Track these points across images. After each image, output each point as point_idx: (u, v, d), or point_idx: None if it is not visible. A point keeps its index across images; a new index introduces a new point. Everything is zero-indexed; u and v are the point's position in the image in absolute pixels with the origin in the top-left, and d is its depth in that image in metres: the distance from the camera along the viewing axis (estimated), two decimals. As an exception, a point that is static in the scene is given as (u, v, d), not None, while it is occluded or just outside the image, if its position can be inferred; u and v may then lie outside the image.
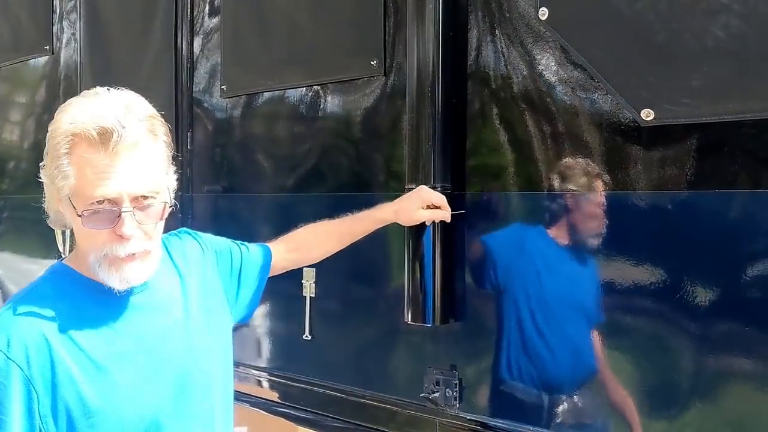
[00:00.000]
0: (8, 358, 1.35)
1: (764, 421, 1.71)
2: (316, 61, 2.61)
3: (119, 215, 1.39)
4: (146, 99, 1.49)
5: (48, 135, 1.44)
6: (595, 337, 1.97)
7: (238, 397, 2.92)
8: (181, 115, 3.07)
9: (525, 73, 2.08)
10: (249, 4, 2.88)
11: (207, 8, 3.06)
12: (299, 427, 2.82)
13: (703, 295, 1.77)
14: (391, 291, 2.40)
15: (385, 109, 2.43)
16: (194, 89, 3.10)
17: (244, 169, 2.93)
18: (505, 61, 2.12)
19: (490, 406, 2.17)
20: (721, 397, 1.77)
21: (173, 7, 3.14)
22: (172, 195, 1.51)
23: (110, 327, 1.46)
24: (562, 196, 2.01)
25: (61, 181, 1.40)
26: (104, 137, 1.36)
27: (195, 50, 3.10)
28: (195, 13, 3.10)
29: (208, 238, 1.83)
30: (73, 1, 3.75)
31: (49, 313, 1.41)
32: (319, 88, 2.62)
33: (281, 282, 2.71)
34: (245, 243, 1.96)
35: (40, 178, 1.47)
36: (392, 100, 2.40)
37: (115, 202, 1.39)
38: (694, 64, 1.74)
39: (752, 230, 1.72)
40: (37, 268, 3.97)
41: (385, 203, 2.17)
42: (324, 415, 2.60)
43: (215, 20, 3.03)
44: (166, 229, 1.60)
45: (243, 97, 2.91)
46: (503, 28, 2.12)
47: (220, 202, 3.00)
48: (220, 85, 2.97)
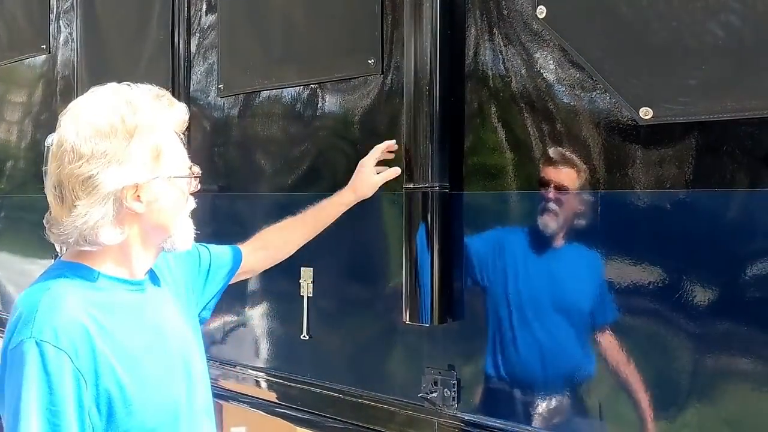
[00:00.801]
0: (59, 348, 1.36)
1: (764, 421, 1.71)
2: (314, 60, 2.60)
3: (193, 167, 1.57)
4: None
5: (109, 136, 1.43)
6: (594, 337, 1.96)
7: (237, 397, 2.94)
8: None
9: (523, 72, 2.07)
10: (246, 3, 2.87)
11: (204, 7, 3.05)
12: (297, 428, 2.81)
13: (703, 295, 1.76)
14: (388, 290, 2.39)
15: (383, 108, 2.42)
16: (191, 88, 3.09)
17: (241, 169, 2.92)
18: (503, 60, 2.11)
19: (489, 406, 2.16)
20: (721, 396, 1.76)
21: (170, 6, 3.13)
22: None
23: (135, 319, 1.51)
24: (560, 195, 2.00)
25: (161, 166, 1.48)
26: (183, 117, 1.55)
27: (192, 49, 3.09)
28: (192, 12, 3.09)
29: None
30: (70, 0, 3.74)
31: (84, 305, 1.43)
32: (317, 87, 2.61)
33: (279, 282, 2.70)
34: (211, 245, 1.99)
35: (106, 189, 1.43)
36: (390, 99, 2.39)
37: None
38: (693, 63, 1.73)
39: (751, 229, 1.71)
40: (35, 267, 3.96)
41: (342, 191, 2.25)
42: (322, 416, 2.60)
43: (212, 19, 3.02)
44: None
45: (240, 96, 2.90)
46: (501, 27, 2.11)
47: (217, 202, 2.99)
48: (217, 84, 2.97)
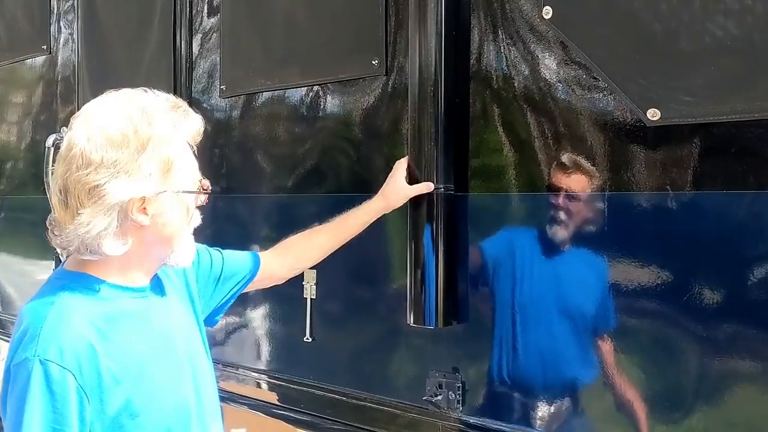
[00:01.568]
0: (63, 367, 1.34)
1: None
2: (317, 61, 2.59)
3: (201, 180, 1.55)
4: None
5: (119, 147, 1.40)
6: (600, 340, 1.95)
7: (238, 399, 2.92)
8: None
9: (528, 73, 2.06)
10: (248, 3, 2.86)
11: (206, 8, 3.04)
12: (299, 430, 2.80)
13: (711, 297, 1.75)
14: (392, 292, 2.38)
15: (387, 109, 2.41)
16: (193, 89, 3.08)
17: (244, 170, 2.91)
18: (508, 61, 2.10)
19: (494, 410, 2.15)
20: (728, 400, 1.75)
21: (172, 7, 3.12)
22: None
23: (140, 327, 1.49)
24: (565, 197, 1.99)
25: (170, 179, 1.45)
26: (199, 128, 1.54)
27: (194, 50, 3.08)
28: (194, 13, 3.08)
29: None
30: (70, 1, 3.73)
31: (90, 318, 1.41)
32: (320, 88, 2.60)
33: (282, 284, 2.69)
34: (231, 253, 1.95)
35: (114, 200, 1.40)
36: (394, 100, 2.38)
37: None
38: (701, 64, 1.72)
39: (759, 231, 1.70)
40: (35, 269, 3.95)
41: (372, 200, 2.18)
42: (325, 418, 2.59)
43: (214, 19, 3.01)
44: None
45: (242, 97, 2.89)
46: (506, 27, 2.10)
47: (219, 203, 2.98)
48: (220, 85, 2.95)
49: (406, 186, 2.15)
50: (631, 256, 1.88)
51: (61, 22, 3.80)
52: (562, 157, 2.00)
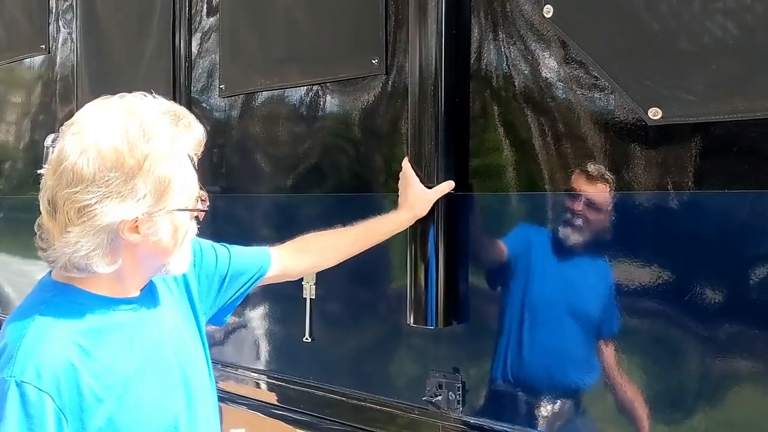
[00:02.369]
0: (40, 390, 1.30)
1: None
2: (316, 60, 2.58)
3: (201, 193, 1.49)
4: None
5: (114, 168, 1.33)
6: (600, 340, 1.95)
7: (237, 399, 2.92)
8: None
9: (529, 72, 2.05)
10: (247, 2, 2.85)
11: (205, 7, 3.03)
12: (299, 430, 2.79)
13: (712, 297, 1.74)
14: (392, 292, 2.37)
15: (387, 108, 2.40)
16: (192, 89, 3.07)
17: (243, 169, 2.90)
18: (508, 60, 2.10)
19: (494, 410, 2.15)
20: (731, 400, 1.75)
21: (171, 6, 3.11)
22: None
23: (126, 341, 1.44)
24: (566, 196, 1.99)
25: (166, 200, 1.38)
26: (200, 139, 1.48)
27: (193, 49, 3.07)
28: (193, 12, 3.07)
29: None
30: (69, 0, 3.72)
31: (71, 335, 1.36)
32: (319, 88, 2.60)
33: (281, 284, 2.68)
34: (240, 250, 1.89)
35: (104, 222, 1.34)
36: (394, 100, 2.37)
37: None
38: (703, 63, 1.72)
39: (761, 230, 1.70)
40: (33, 269, 3.94)
41: (395, 211, 2.13)
42: (324, 419, 2.58)
43: (213, 19, 3.00)
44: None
45: (242, 96, 2.88)
46: (506, 26, 2.10)
47: (219, 203, 2.97)
48: (219, 85, 2.95)
49: (428, 191, 2.09)
50: (633, 256, 1.87)
51: (60, 22, 3.79)
52: (563, 157, 1.99)
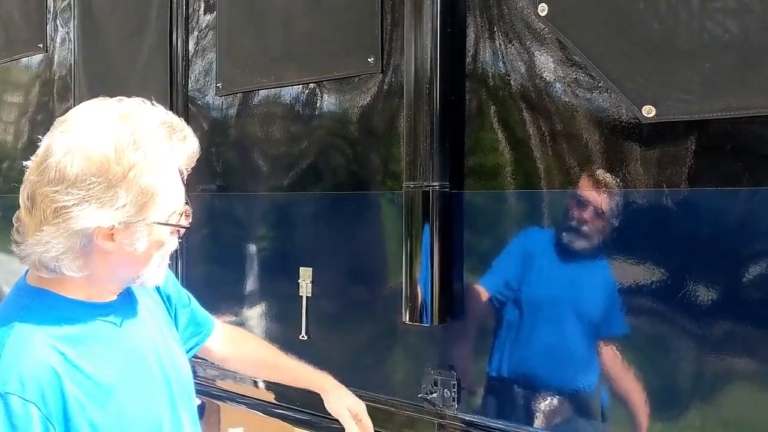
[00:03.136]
0: (25, 400, 1.27)
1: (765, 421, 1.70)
2: (313, 59, 2.59)
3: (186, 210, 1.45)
4: (141, 97, 1.45)
5: (97, 174, 1.30)
6: (595, 336, 1.95)
7: (235, 398, 2.92)
8: (176, 113, 3.03)
9: (524, 71, 2.06)
10: (244, 1, 2.85)
11: (202, 5, 3.03)
12: (296, 428, 2.79)
13: (706, 295, 1.75)
14: (388, 290, 2.37)
15: (383, 106, 2.40)
16: (189, 87, 3.07)
17: (240, 168, 2.90)
18: (503, 58, 2.10)
19: (489, 407, 2.15)
20: (726, 398, 1.75)
21: (168, 5, 3.11)
22: None
23: (108, 346, 1.42)
24: (561, 194, 1.99)
25: (147, 212, 1.35)
26: (193, 155, 1.43)
27: (190, 48, 3.08)
28: (190, 11, 3.08)
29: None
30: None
31: (51, 342, 1.34)
32: (316, 86, 2.60)
33: (277, 281, 2.69)
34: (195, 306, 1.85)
35: (78, 226, 1.31)
36: (390, 98, 2.37)
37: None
38: (696, 60, 1.72)
39: (754, 229, 1.70)
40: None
41: (324, 377, 2.06)
42: (321, 417, 2.57)
43: (210, 17, 3.00)
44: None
45: (238, 95, 2.88)
46: (501, 25, 2.10)
47: (216, 202, 2.98)
48: (216, 83, 2.95)
49: (343, 410, 1.98)
50: (628, 254, 1.87)
51: (58, 21, 3.79)
52: (559, 155, 1.99)
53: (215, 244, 2.99)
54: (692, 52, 1.73)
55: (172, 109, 3.05)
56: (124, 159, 1.31)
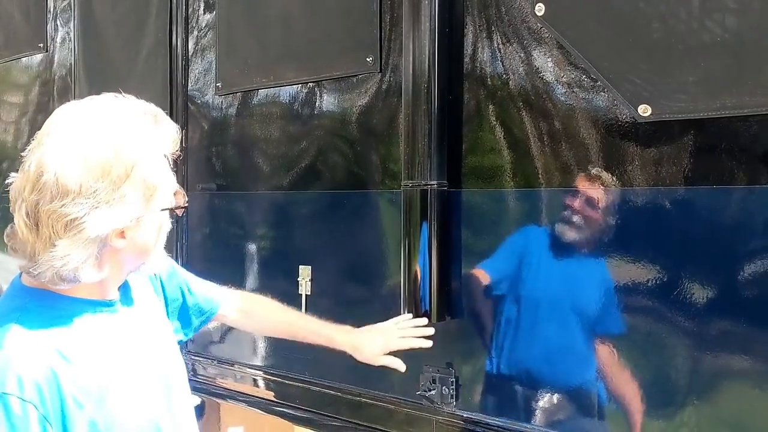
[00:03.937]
0: (23, 400, 1.27)
1: (763, 419, 1.71)
2: (312, 58, 2.60)
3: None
4: (141, 97, 1.45)
5: (99, 179, 1.29)
6: (593, 335, 1.96)
7: (235, 396, 2.93)
8: (176, 112, 3.06)
9: (522, 70, 2.07)
10: (244, 1, 2.87)
11: (202, 5, 3.04)
12: (295, 426, 2.81)
13: (703, 293, 1.76)
14: (387, 288, 2.39)
15: (381, 106, 2.42)
16: (189, 87, 3.08)
17: (240, 167, 2.91)
18: (501, 58, 2.11)
19: (487, 404, 2.16)
20: (723, 396, 1.77)
21: (168, 5, 3.12)
22: None
23: (103, 343, 1.42)
24: (558, 193, 2.00)
25: (150, 204, 1.36)
26: (177, 138, 1.42)
27: (190, 48, 3.09)
28: (189, 11, 3.09)
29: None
30: (67, -1, 3.74)
31: (49, 342, 1.34)
32: (315, 85, 2.61)
33: (277, 280, 2.70)
34: (198, 285, 1.86)
35: (90, 235, 1.31)
36: (388, 97, 2.39)
37: None
38: (692, 60, 1.74)
39: (750, 226, 1.71)
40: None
41: (346, 329, 2.06)
42: (320, 414, 2.59)
43: (210, 17, 3.01)
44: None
45: (238, 94, 2.89)
46: (499, 25, 2.11)
47: (215, 201, 2.99)
48: (215, 83, 2.96)
49: (378, 355, 2.02)
50: (626, 252, 1.88)
51: (58, 20, 3.80)
52: (556, 154, 2.01)
53: (215, 243, 3.00)
54: (688, 52, 1.74)
55: (172, 108, 3.07)
56: (124, 158, 1.31)
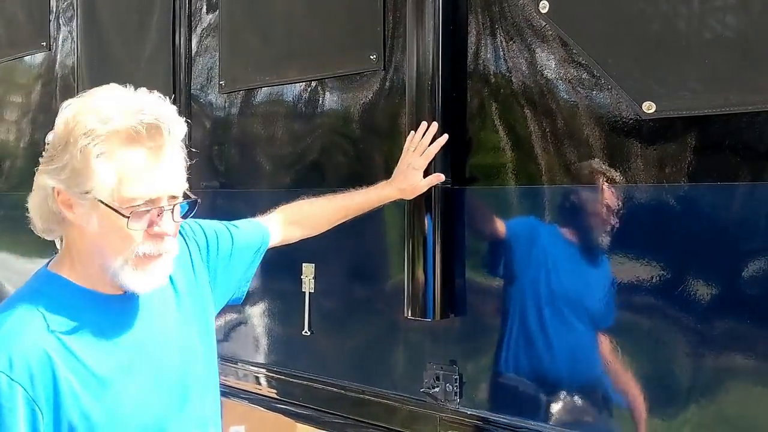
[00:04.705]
0: (11, 379, 1.29)
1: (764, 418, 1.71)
2: (315, 56, 2.60)
3: (159, 213, 1.37)
4: None
5: (62, 136, 1.35)
6: (596, 332, 1.97)
7: (237, 393, 2.93)
8: (179, 111, 3.05)
9: (525, 68, 2.07)
10: None
11: (205, 3, 3.05)
12: (298, 424, 2.81)
13: (707, 291, 1.76)
14: (390, 286, 2.39)
15: (385, 103, 2.42)
16: (192, 85, 3.08)
17: (243, 165, 2.92)
18: (505, 55, 2.11)
19: (491, 401, 2.17)
20: (729, 394, 1.76)
21: (171, 3, 3.12)
22: None
23: (111, 337, 1.42)
24: (562, 190, 2.01)
25: (92, 184, 1.33)
26: (151, 133, 1.34)
27: (193, 46, 3.09)
28: (193, 9, 3.09)
29: (192, 228, 1.73)
30: (69, -3, 3.74)
31: (49, 326, 1.35)
32: (318, 83, 2.61)
33: (280, 277, 2.70)
34: (238, 224, 1.89)
35: (41, 180, 1.38)
36: (392, 95, 2.39)
37: (154, 201, 1.37)
38: (696, 56, 1.74)
39: (753, 223, 1.72)
40: (34, 267, 3.95)
41: (382, 184, 2.19)
42: (323, 411, 2.60)
43: (213, 15, 3.02)
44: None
45: (241, 92, 2.90)
46: (503, 22, 2.11)
47: (218, 199, 2.99)
48: (219, 81, 2.96)
49: (422, 181, 2.14)
50: (629, 249, 1.89)
51: (61, 19, 3.81)
52: (560, 151, 2.01)
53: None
54: (692, 49, 1.75)
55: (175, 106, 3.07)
56: (78, 122, 1.34)
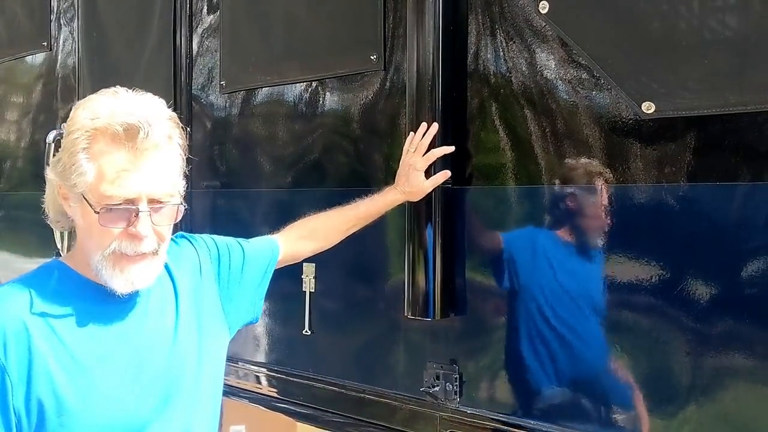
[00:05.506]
0: None
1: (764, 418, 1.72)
2: (316, 56, 2.61)
3: (136, 214, 1.39)
4: None
5: (64, 131, 1.43)
6: (596, 331, 1.97)
7: (237, 393, 2.94)
8: (180, 111, 3.07)
9: (525, 68, 2.08)
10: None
11: (206, 4, 3.05)
12: (299, 423, 2.82)
13: (707, 291, 1.76)
14: (391, 286, 2.39)
15: (385, 104, 2.42)
16: (193, 85, 3.09)
17: (243, 165, 2.92)
18: (505, 56, 2.12)
19: (491, 401, 2.17)
20: (731, 393, 1.76)
21: (172, 4, 3.13)
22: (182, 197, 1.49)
23: (99, 327, 1.43)
24: (562, 190, 2.01)
25: (76, 177, 1.38)
26: (129, 134, 1.36)
27: (194, 46, 3.10)
28: (193, 10, 3.10)
29: (204, 240, 1.77)
30: (70, -2, 3.75)
31: (34, 304, 1.39)
32: (318, 84, 2.62)
33: (281, 277, 2.70)
34: (248, 240, 1.91)
35: (47, 174, 1.47)
36: (392, 95, 2.39)
37: (133, 201, 1.39)
38: (696, 57, 1.74)
39: (753, 223, 1.72)
40: (34, 266, 3.95)
41: (387, 190, 2.18)
42: (324, 411, 2.60)
43: (214, 16, 3.02)
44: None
45: (242, 92, 2.90)
46: (503, 22, 2.12)
47: (219, 199, 3.00)
48: (219, 81, 2.97)
49: (426, 181, 2.13)
50: (628, 249, 1.89)
51: (62, 19, 3.81)
52: (560, 151, 2.01)
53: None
54: (692, 49, 1.75)
55: (176, 107, 3.07)
56: (72, 118, 1.43)
